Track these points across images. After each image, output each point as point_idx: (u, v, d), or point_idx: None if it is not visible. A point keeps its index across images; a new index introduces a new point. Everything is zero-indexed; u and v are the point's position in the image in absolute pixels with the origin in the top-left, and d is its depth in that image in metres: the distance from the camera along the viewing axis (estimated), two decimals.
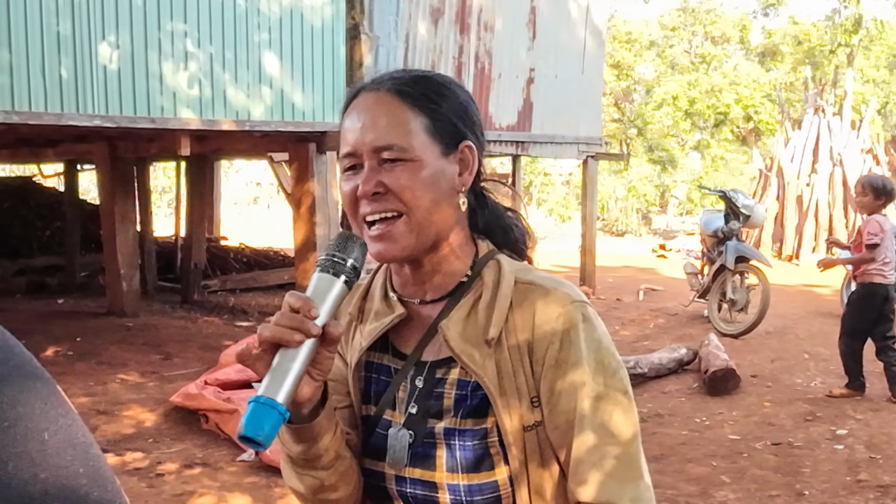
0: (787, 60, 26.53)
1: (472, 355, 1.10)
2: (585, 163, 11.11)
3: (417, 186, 1.07)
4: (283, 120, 6.75)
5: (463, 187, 1.13)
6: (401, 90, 1.10)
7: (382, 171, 1.07)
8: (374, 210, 1.08)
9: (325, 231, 7.12)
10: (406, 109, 1.09)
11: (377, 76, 1.14)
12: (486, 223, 1.19)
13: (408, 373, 1.16)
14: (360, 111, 1.11)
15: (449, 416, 1.11)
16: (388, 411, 1.16)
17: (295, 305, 0.97)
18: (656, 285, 11.47)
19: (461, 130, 1.13)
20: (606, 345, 1.11)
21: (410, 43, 8.31)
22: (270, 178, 17.09)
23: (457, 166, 1.12)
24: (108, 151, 8.48)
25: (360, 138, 1.08)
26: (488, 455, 1.10)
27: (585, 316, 1.10)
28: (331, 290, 1.00)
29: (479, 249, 1.17)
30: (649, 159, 24.17)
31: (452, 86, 1.15)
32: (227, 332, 7.97)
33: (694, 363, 6.61)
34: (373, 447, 1.16)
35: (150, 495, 4.09)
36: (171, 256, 11.34)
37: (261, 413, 0.93)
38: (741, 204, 8.26)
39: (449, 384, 1.13)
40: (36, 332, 7.54)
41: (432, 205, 1.09)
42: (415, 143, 1.08)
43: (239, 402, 4.95)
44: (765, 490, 4.22)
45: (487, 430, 1.09)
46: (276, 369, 0.96)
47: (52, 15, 5.30)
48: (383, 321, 1.16)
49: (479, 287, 1.14)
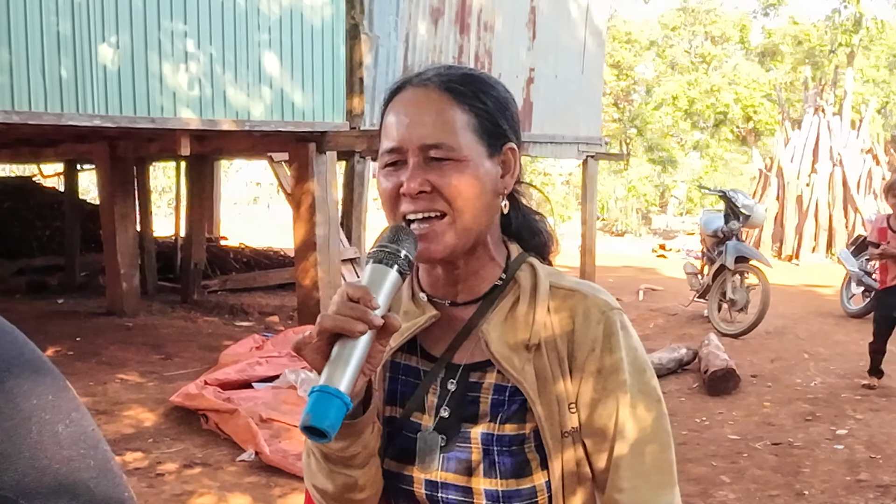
0: (787, 60, 26.52)
1: (512, 360, 1.08)
2: (585, 163, 11.11)
3: (464, 187, 1.05)
4: (282, 120, 6.75)
5: (505, 190, 1.12)
6: (449, 87, 1.07)
7: (429, 169, 1.05)
8: (418, 209, 1.05)
9: (325, 231, 7.12)
10: (455, 107, 1.07)
11: (421, 72, 1.11)
12: (518, 226, 1.18)
13: (438, 375, 1.13)
14: (406, 106, 1.08)
15: (485, 420, 1.10)
16: (416, 414, 1.14)
17: (355, 295, 0.95)
18: (656, 285, 11.47)
19: (505, 132, 1.11)
20: (641, 353, 1.12)
21: (410, 43, 8.31)
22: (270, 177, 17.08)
23: (500, 168, 1.10)
24: (107, 151, 8.48)
25: (406, 134, 1.06)
26: (527, 461, 1.09)
27: (623, 324, 1.11)
28: (385, 280, 0.99)
29: (510, 251, 1.16)
30: (649, 159, 24.17)
31: (498, 85, 1.13)
32: (227, 331, 7.97)
33: (694, 363, 6.61)
34: (399, 449, 1.14)
35: (150, 495, 4.09)
36: (171, 256, 11.34)
37: (325, 402, 0.90)
38: (741, 204, 8.27)
39: (485, 388, 1.11)
40: (36, 332, 7.53)
41: (476, 206, 1.07)
42: (463, 143, 1.06)
43: (239, 402, 4.95)
44: (765, 490, 4.23)
45: (526, 435, 1.09)
46: (336, 359, 0.94)
47: (52, 15, 5.30)
48: (416, 322, 1.14)
49: (515, 290, 1.12)
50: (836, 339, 7.60)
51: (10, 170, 15.94)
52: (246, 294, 10.23)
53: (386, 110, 1.11)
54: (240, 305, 9.29)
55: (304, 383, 5.22)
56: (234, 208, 24.06)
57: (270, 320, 8.61)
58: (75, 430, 0.59)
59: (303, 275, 7.19)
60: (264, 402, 5.02)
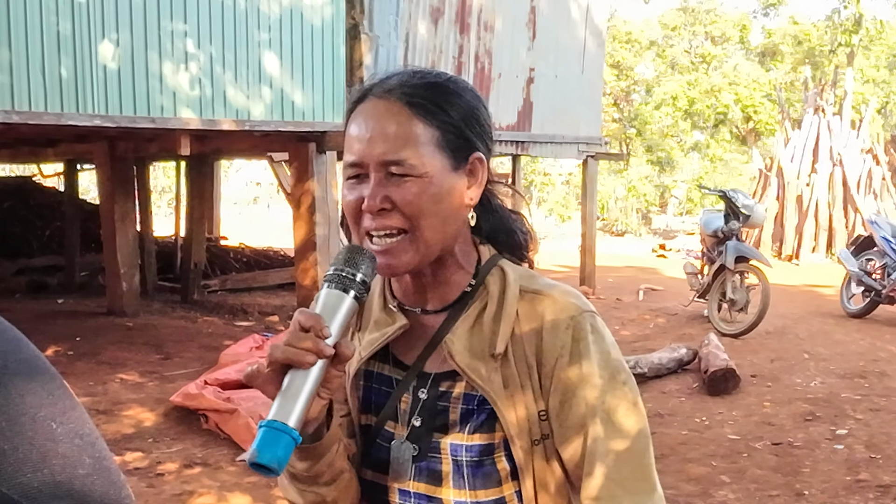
0: (787, 60, 26.53)
1: (478, 370, 1.07)
2: (585, 163, 11.11)
3: (425, 204, 1.03)
4: (282, 119, 6.75)
5: (471, 201, 1.10)
6: (412, 101, 1.05)
7: (390, 185, 1.03)
8: (379, 226, 1.04)
9: (325, 231, 7.12)
10: (417, 122, 1.04)
11: (384, 78, 1.09)
12: (490, 228, 1.16)
13: (410, 384, 1.12)
14: (367, 119, 1.06)
15: (455, 430, 1.09)
16: (390, 423, 1.13)
17: (306, 324, 0.94)
18: (656, 285, 11.47)
19: (472, 142, 1.08)
20: (615, 356, 1.09)
21: (410, 43, 8.31)
22: (270, 177, 17.09)
23: (465, 179, 1.08)
24: (107, 151, 8.47)
25: (367, 149, 1.04)
26: (496, 471, 1.08)
27: (594, 327, 1.08)
28: (340, 306, 0.97)
29: (481, 255, 1.14)
30: (649, 160, 24.18)
31: (464, 92, 1.10)
32: (227, 331, 7.97)
33: (694, 363, 6.61)
34: (374, 459, 1.14)
35: (150, 495, 4.09)
36: (171, 256, 11.34)
37: (273, 439, 0.90)
38: (741, 204, 8.26)
39: (455, 398, 1.10)
40: (36, 332, 7.53)
41: (439, 222, 1.05)
42: (425, 159, 1.03)
43: (239, 402, 4.95)
44: (765, 490, 4.22)
45: (495, 445, 1.08)
46: (287, 391, 0.93)
47: (52, 14, 5.30)
48: (385, 331, 1.13)
49: (484, 297, 1.10)
50: (837, 339, 7.60)
51: (10, 169, 15.95)
52: (246, 294, 10.24)
53: (349, 119, 1.09)
54: (240, 305, 9.29)
55: None
56: (234, 208, 24.07)
57: (270, 320, 8.61)
58: (71, 428, 0.59)
59: (303, 275, 7.20)
60: (264, 401, 4.97)
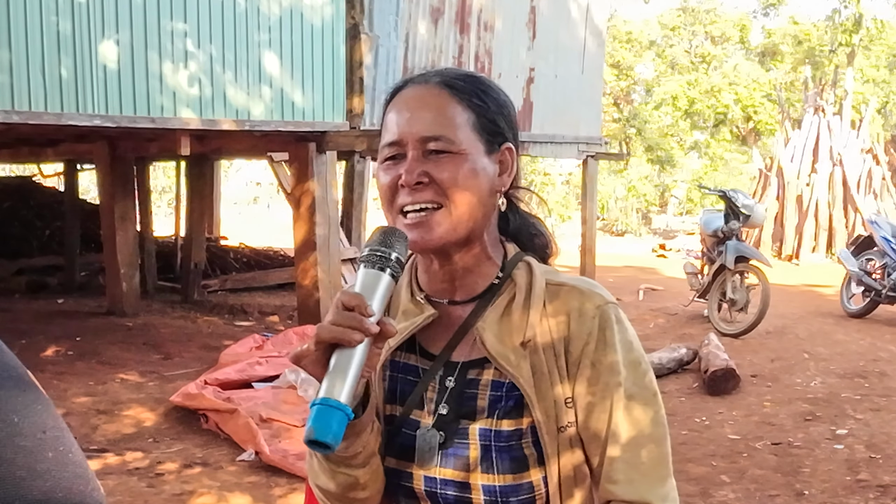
0: (787, 60, 26.52)
1: (508, 357, 1.10)
2: (585, 162, 11.11)
3: (461, 180, 1.07)
4: (282, 119, 6.75)
5: (502, 188, 1.14)
6: (449, 83, 1.10)
7: (427, 161, 1.07)
8: (415, 200, 1.07)
9: (325, 231, 7.12)
10: (454, 103, 1.09)
11: (423, 72, 1.14)
12: (516, 227, 1.20)
13: (436, 373, 1.15)
14: (407, 101, 1.10)
15: (483, 416, 1.11)
16: (416, 411, 1.15)
17: (349, 304, 0.96)
18: (656, 285, 11.47)
19: (503, 131, 1.13)
20: (637, 347, 1.13)
21: (410, 43, 8.31)
22: (270, 177, 17.08)
23: (497, 166, 1.13)
24: (108, 151, 8.47)
25: (406, 127, 1.08)
26: (524, 456, 1.10)
27: (618, 317, 1.12)
28: (378, 285, 0.99)
29: (507, 251, 1.18)
30: (649, 159, 24.18)
31: (498, 88, 1.16)
32: (227, 331, 7.97)
33: (694, 363, 6.61)
34: (399, 447, 1.15)
35: (150, 495, 4.09)
36: (171, 256, 11.34)
37: (327, 415, 0.92)
38: (741, 204, 8.26)
39: (483, 385, 1.12)
40: (36, 332, 7.53)
41: (473, 200, 1.09)
42: (461, 137, 1.08)
43: (239, 402, 4.95)
44: (765, 490, 4.22)
45: (523, 430, 1.10)
46: (335, 370, 0.95)
47: (52, 14, 5.30)
48: (414, 321, 1.15)
49: (511, 288, 1.14)
50: (837, 338, 7.60)
51: (10, 169, 15.94)
52: (246, 294, 10.24)
53: (387, 109, 1.13)
54: (240, 305, 9.29)
55: (303, 383, 5.22)
56: (234, 208, 24.05)
57: (270, 320, 8.61)
58: (34, 422, 0.59)
59: (303, 275, 7.20)
60: (264, 401, 5.02)
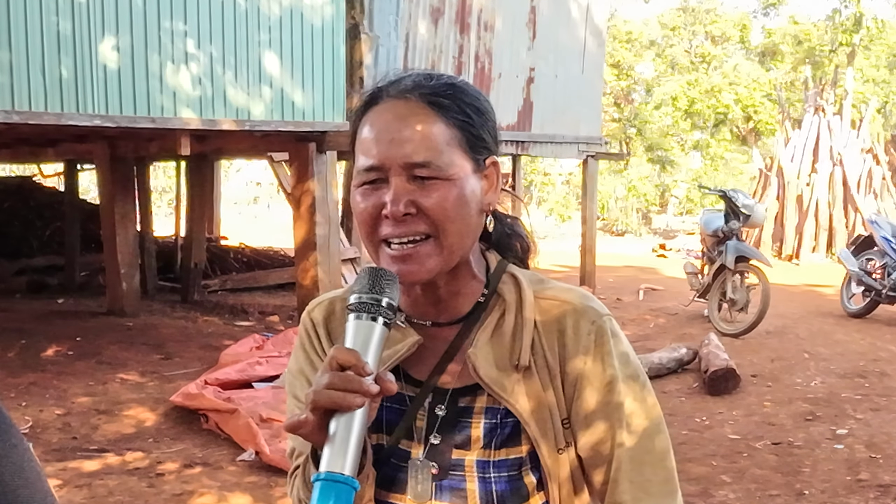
0: (787, 60, 26.51)
1: (503, 384, 1.04)
2: (585, 162, 11.11)
3: (451, 208, 0.99)
4: (283, 119, 6.75)
5: (489, 206, 1.07)
6: (433, 100, 1.01)
7: (413, 189, 0.99)
8: (403, 233, 0.99)
9: (325, 231, 7.12)
10: (440, 122, 1.01)
11: (396, 79, 1.05)
12: (497, 235, 1.13)
13: (425, 400, 1.07)
14: (386, 120, 1.01)
15: (478, 447, 1.05)
16: (405, 441, 1.08)
17: (346, 363, 0.89)
18: (656, 285, 11.47)
19: (489, 145, 1.06)
20: (633, 358, 1.09)
21: (410, 42, 8.31)
22: (270, 177, 17.08)
23: (483, 183, 1.05)
24: (108, 151, 8.47)
25: (388, 151, 0.99)
26: (524, 485, 1.06)
27: (613, 331, 1.08)
28: (372, 336, 0.92)
29: (489, 263, 1.11)
30: (649, 159, 24.17)
31: (479, 95, 1.07)
32: (227, 331, 7.97)
33: (694, 363, 6.61)
34: (387, 479, 1.08)
35: (151, 495, 4.09)
36: (171, 256, 11.34)
37: (333, 492, 0.86)
38: (741, 203, 8.26)
39: (476, 412, 1.06)
40: (36, 332, 7.53)
41: (464, 227, 1.02)
42: (449, 160, 1.00)
43: (239, 402, 4.95)
44: (765, 490, 4.22)
45: (523, 459, 1.06)
46: (337, 439, 0.88)
47: (52, 14, 5.30)
48: (396, 349, 1.07)
49: (500, 306, 1.08)
50: (837, 338, 7.60)
51: (10, 169, 15.94)
52: (246, 294, 10.24)
53: (361, 122, 1.04)
54: (240, 305, 9.29)
55: None
56: (235, 208, 24.06)
57: (271, 320, 8.61)
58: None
59: (303, 275, 7.19)
60: (264, 401, 5.01)
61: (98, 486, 4.17)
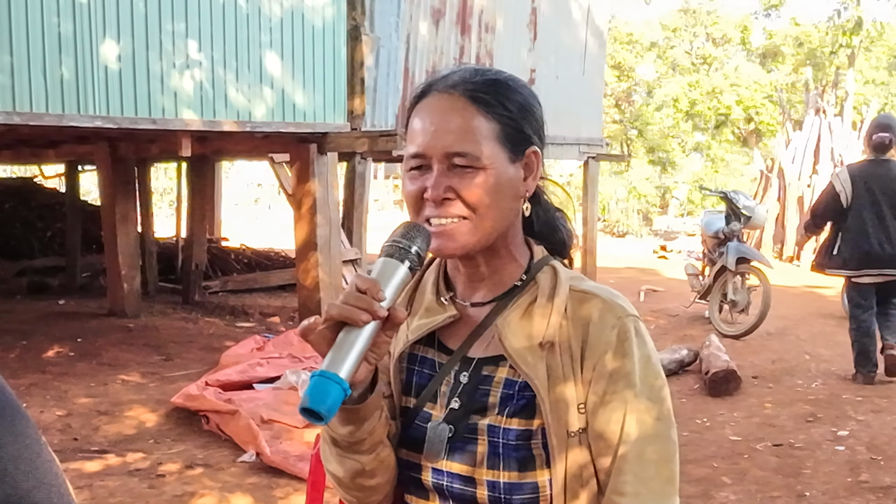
0: (788, 61, 26.53)
1: (525, 356, 1.11)
2: (586, 164, 11.11)
3: (486, 194, 1.10)
4: (284, 121, 6.75)
5: (526, 193, 1.16)
6: (475, 96, 1.11)
7: (453, 176, 1.09)
8: (441, 214, 1.10)
9: (326, 232, 7.12)
10: (479, 116, 1.11)
11: (446, 75, 1.15)
12: (541, 224, 1.22)
13: (452, 368, 1.17)
14: (431, 112, 1.12)
15: (493, 413, 1.13)
16: (429, 404, 1.18)
17: (363, 286, 0.99)
18: (657, 286, 11.46)
19: (528, 136, 1.15)
20: (654, 361, 1.14)
21: (411, 44, 8.31)
22: (271, 178, 17.09)
23: (522, 171, 1.14)
24: (109, 152, 8.48)
25: (431, 142, 1.10)
26: (531, 456, 1.11)
27: (638, 330, 1.13)
28: (395, 274, 1.02)
29: (534, 254, 1.20)
30: (650, 160, 24.18)
31: (522, 89, 1.16)
32: (228, 332, 7.97)
33: (695, 364, 6.61)
34: (411, 438, 1.17)
35: (151, 496, 4.09)
36: (172, 257, 11.34)
37: (323, 387, 0.94)
38: (742, 205, 8.26)
39: (496, 382, 1.14)
40: (37, 333, 7.54)
41: (497, 212, 1.11)
42: (486, 151, 1.10)
43: (240, 403, 4.95)
44: (766, 491, 4.22)
45: (533, 431, 1.11)
46: (339, 346, 0.97)
47: (53, 15, 5.31)
48: (435, 318, 1.18)
49: (534, 290, 1.15)
50: (838, 340, 7.59)
51: (11, 171, 15.95)
52: (247, 295, 10.23)
53: (412, 114, 1.15)
54: (241, 306, 9.29)
55: (304, 384, 5.21)
56: (236, 209, 24.06)
57: (271, 321, 8.61)
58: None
59: (304, 276, 7.20)
60: (265, 403, 5.01)
61: (99, 487, 4.17)
